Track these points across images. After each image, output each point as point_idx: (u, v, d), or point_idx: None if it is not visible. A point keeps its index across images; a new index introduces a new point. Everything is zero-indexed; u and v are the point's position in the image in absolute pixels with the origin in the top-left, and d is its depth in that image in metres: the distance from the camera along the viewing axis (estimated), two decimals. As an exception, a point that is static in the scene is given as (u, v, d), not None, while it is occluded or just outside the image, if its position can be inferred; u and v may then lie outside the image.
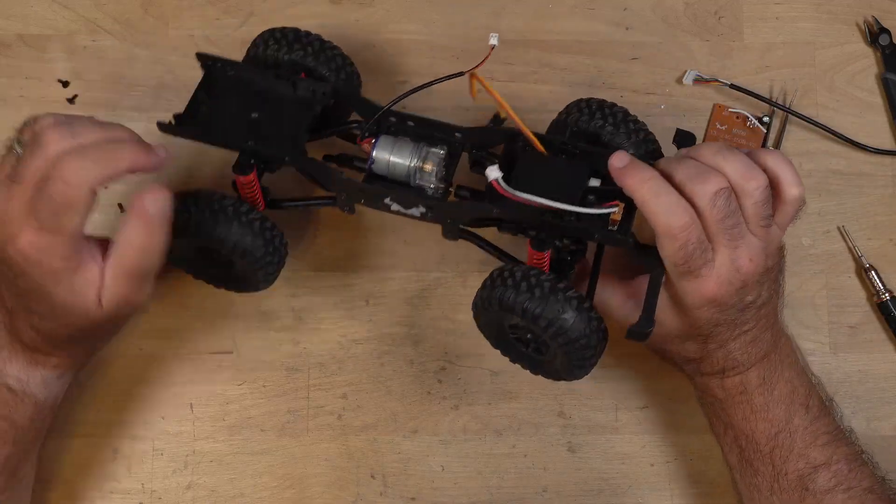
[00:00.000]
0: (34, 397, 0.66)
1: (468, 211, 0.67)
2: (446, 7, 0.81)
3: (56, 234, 0.58)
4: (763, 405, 0.67)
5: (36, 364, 0.66)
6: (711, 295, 0.62)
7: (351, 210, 0.69)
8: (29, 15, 0.79)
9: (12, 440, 0.65)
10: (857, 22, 0.81)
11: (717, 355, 0.66)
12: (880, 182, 0.80)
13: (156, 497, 0.75)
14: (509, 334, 0.67)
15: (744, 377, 0.67)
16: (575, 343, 0.62)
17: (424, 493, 0.76)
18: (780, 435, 0.67)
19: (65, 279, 0.60)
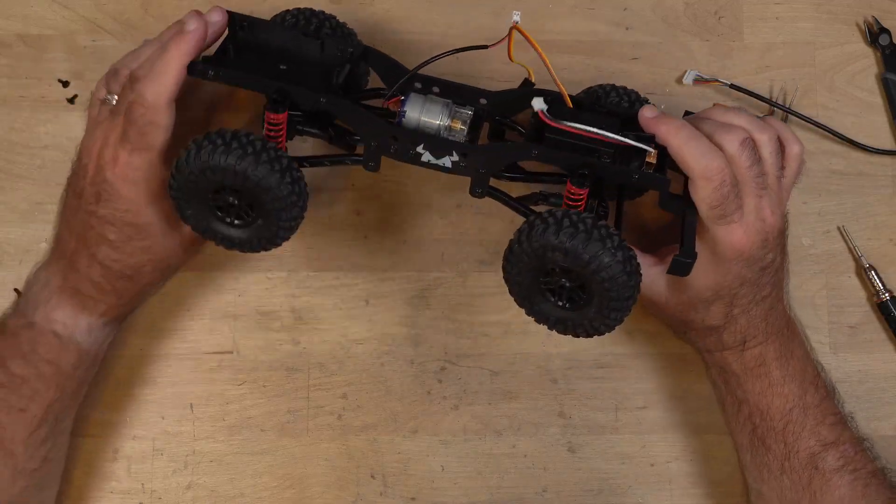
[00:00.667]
0: (78, 344, 0.69)
1: (505, 155, 0.66)
2: (446, 7, 0.81)
3: (147, 151, 0.65)
4: (780, 379, 0.68)
5: (83, 309, 0.69)
6: (741, 244, 0.64)
7: (376, 166, 0.67)
8: (29, 15, 0.79)
9: (56, 385, 0.68)
10: (857, 22, 0.81)
11: (740, 322, 0.67)
12: (880, 182, 0.80)
13: (156, 497, 0.75)
14: (541, 286, 0.64)
15: (763, 349, 0.68)
16: (616, 279, 0.60)
17: (424, 493, 0.76)
18: (794, 411, 0.68)
19: (155, 200, 0.67)
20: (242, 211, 0.64)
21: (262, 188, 0.62)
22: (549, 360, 0.77)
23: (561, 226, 0.60)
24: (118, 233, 0.67)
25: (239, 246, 0.66)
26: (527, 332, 0.77)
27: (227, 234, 0.66)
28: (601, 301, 0.61)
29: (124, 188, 0.66)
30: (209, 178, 0.62)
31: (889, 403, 0.78)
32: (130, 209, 0.66)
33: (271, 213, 0.63)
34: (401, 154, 0.66)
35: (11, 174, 0.78)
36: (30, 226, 0.77)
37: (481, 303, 0.77)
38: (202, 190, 0.63)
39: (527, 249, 0.61)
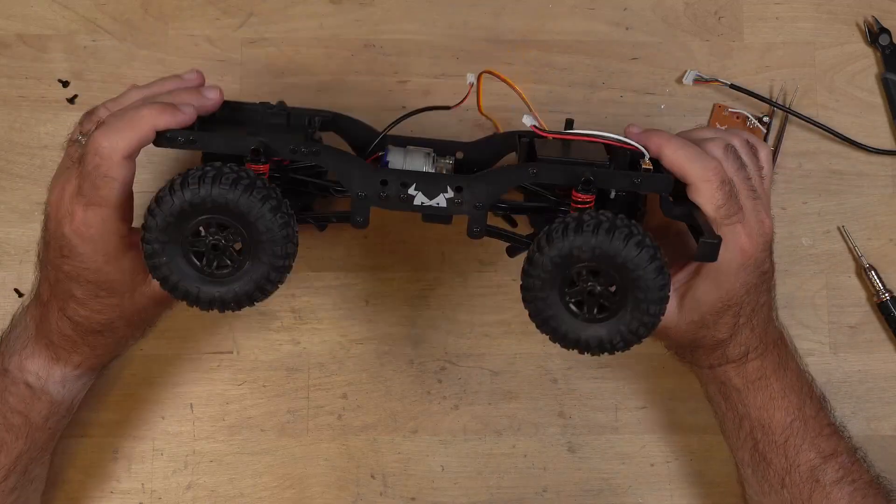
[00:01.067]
0: (51, 396, 0.67)
1: (501, 180, 0.62)
2: (446, 7, 0.81)
3: (101, 206, 0.61)
4: (780, 390, 0.68)
5: (57, 361, 0.67)
6: (747, 247, 0.64)
7: (364, 221, 0.63)
8: (29, 15, 0.79)
9: (25, 436, 0.66)
10: (857, 22, 0.81)
11: (744, 332, 0.67)
12: (880, 182, 0.80)
13: (156, 497, 0.75)
14: (568, 301, 0.60)
15: (762, 360, 0.68)
16: (648, 267, 0.58)
17: (424, 493, 0.76)
18: (795, 423, 0.68)
19: (115, 258, 0.63)
20: (227, 254, 0.59)
21: (257, 216, 0.58)
22: (549, 360, 0.77)
23: (581, 223, 0.58)
24: (83, 290, 0.64)
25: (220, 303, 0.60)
26: (527, 333, 0.77)
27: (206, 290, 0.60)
28: (636, 297, 0.59)
29: (81, 245, 0.62)
30: (196, 212, 0.58)
31: (889, 403, 0.78)
32: (90, 267, 0.63)
33: (262, 251, 0.59)
34: (392, 200, 0.62)
35: (11, 174, 0.78)
36: (30, 226, 0.77)
37: (481, 303, 0.77)
38: (182, 231, 0.58)
39: (549, 255, 0.59)
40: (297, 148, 0.62)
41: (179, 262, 0.59)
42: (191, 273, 0.59)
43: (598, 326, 0.60)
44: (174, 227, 0.58)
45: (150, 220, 0.58)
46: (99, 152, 0.60)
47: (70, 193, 0.62)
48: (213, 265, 0.59)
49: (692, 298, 0.66)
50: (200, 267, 0.59)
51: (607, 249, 0.58)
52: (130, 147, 0.60)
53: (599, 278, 0.59)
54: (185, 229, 0.58)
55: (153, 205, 0.58)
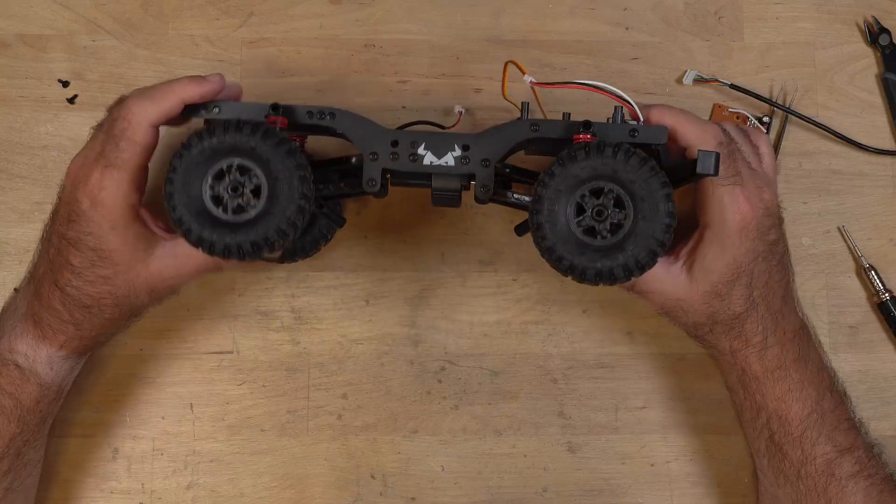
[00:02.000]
0: (39, 377, 0.67)
1: (506, 135, 0.65)
2: (446, 7, 0.81)
3: (118, 168, 0.64)
4: (799, 382, 0.68)
5: (43, 340, 0.67)
6: (746, 209, 0.66)
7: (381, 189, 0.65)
8: (29, 15, 0.79)
9: (17, 419, 0.67)
10: (857, 22, 0.81)
11: (759, 310, 0.68)
12: (880, 182, 0.80)
13: (156, 497, 0.75)
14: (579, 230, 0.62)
15: (782, 349, 0.68)
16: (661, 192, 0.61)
17: (424, 493, 0.76)
18: (812, 416, 0.68)
19: (120, 225, 0.64)
20: (245, 197, 0.61)
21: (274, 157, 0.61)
22: (549, 360, 0.77)
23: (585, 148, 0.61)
24: (81, 257, 0.65)
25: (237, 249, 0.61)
26: (527, 332, 0.77)
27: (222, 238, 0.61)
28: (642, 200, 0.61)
29: (89, 208, 0.64)
30: (218, 155, 0.61)
31: (889, 403, 0.78)
32: (93, 232, 0.64)
33: (279, 192, 0.61)
34: (402, 161, 0.65)
35: (11, 174, 0.78)
36: (30, 226, 0.77)
37: (481, 303, 0.77)
38: (203, 176, 0.61)
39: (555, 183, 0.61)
40: (312, 110, 0.65)
41: (198, 206, 0.61)
42: (208, 217, 0.61)
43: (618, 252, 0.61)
44: (197, 169, 0.61)
45: (176, 160, 0.61)
46: (128, 117, 0.63)
47: (91, 159, 0.65)
48: (231, 208, 0.61)
49: (701, 267, 0.67)
50: (217, 211, 0.61)
51: (613, 166, 0.61)
52: (158, 114, 0.64)
53: (604, 198, 0.61)
54: (208, 172, 0.61)
55: (181, 147, 0.61)
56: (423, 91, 0.79)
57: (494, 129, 0.66)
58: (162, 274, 0.67)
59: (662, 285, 0.69)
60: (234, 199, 0.61)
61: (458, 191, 0.66)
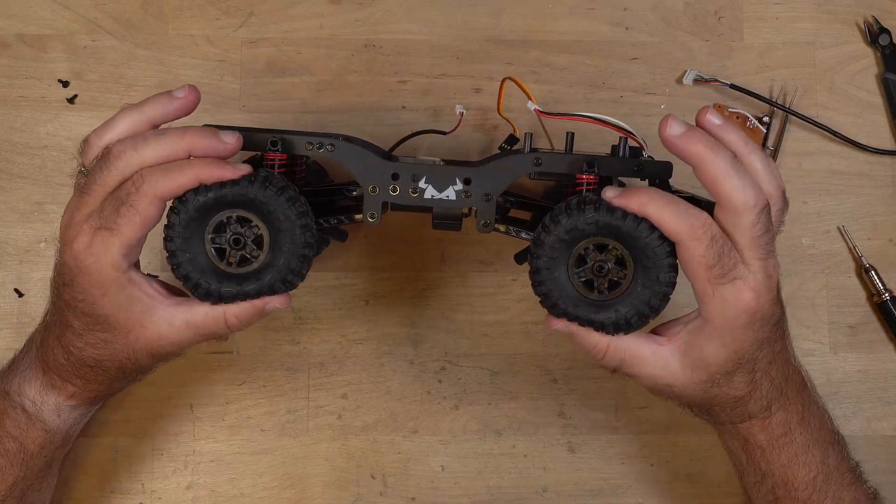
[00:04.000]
0: (45, 423, 0.66)
1: (508, 168, 0.64)
2: (446, 7, 0.81)
3: (112, 233, 0.59)
4: (804, 445, 0.66)
5: (52, 388, 0.66)
6: (753, 305, 0.60)
7: (377, 218, 0.64)
8: (29, 15, 0.79)
9: (20, 463, 0.66)
10: (857, 22, 0.81)
11: (763, 386, 0.64)
12: (880, 182, 0.80)
13: (156, 497, 0.75)
14: (577, 282, 0.61)
15: (787, 414, 0.65)
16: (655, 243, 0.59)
17: (424, 493, 0.76)
18: (818, 479, 0.66)
19: (111, 292, 0.60)
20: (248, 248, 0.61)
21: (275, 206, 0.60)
22: (549, 360, 0.77)
23: (583, 200, 0.60)
24: (79, 321, 0.62)
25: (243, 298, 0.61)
26: (527, 332, 0.77)
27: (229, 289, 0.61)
28: (644, 266, 0.60)
29: (78, 275, 0.60)
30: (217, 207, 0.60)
31: (889, 403, 0.78)
32: (85, 298, 0.61)
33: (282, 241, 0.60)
34: (403, 195, 0.64)
35: (11, 174, 0.78)
36: (30, 226, 0.77)
37: (481, 303, 0.77)
38: (203, 228, 0.60)
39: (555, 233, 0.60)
40: (312, 142, 0.63)
41: (201, 259, 0.61)
42: (212, 271, 0.61)
43: (611, 308, 0.61)
44: (196, 224, 0.60)
45: (174, 216, 0.60)
46: (136, 183, 0.59)
47: (80, 218, 0.61)
48: (234, 260, 0.61)
49: (698, 358, 0.63)
50: (221, 264, 0.61)
51: (610, 222, 0.59)
52: (171, 190, 0.59)
53: (606, 254, 0.60)
54: (207, 225, 0.60)
55: (177, 203, 0.59)
56: (423, 91, 0.79)
57: (497, 161, 0.64)
58: (161, 339, 0.62)
59: (651, 369, 0.63)
60: (237, 251, 0.61)
61: (459, 218, 0.65)
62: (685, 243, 0.58)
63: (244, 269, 0.61)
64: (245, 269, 0.61)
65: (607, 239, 0.60)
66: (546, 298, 0.61)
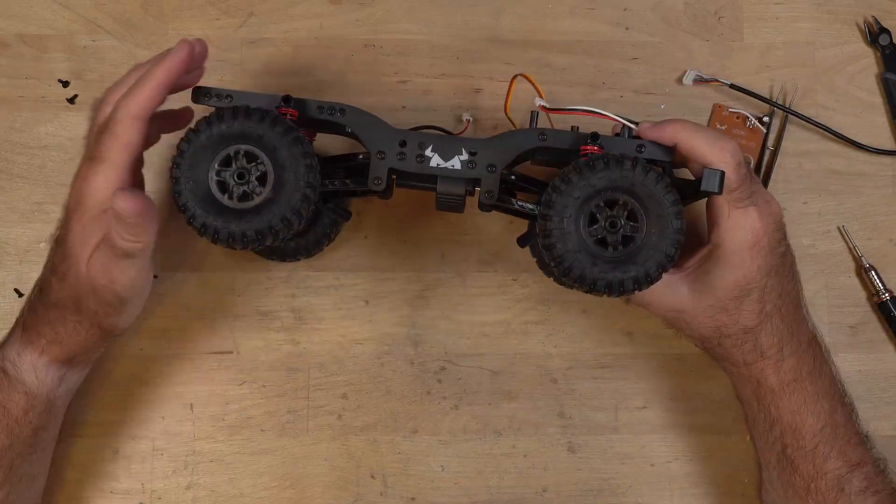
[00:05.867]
0: (25, 385, 0.66)
1: (514, 143, 0.65)
2: (446, 7, 0.81)
3: (99, 162, 0.62)
4: (814, 394, 0.67)
5: (28, 345, 0.67)
6: (759, 227, 0.64)
7: (386, 189, 0.66)
8: (29, 15, 0.79)
9: (6, 429, 0.66)
10: (857, 22, 0.81)
11: (774, 320, 0.67)
12: (880, 182, 0.80)
13: (156, 497, 0.75)
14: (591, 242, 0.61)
15: (798, 361, 0.67)
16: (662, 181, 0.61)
17: (424, 493, 0.76)
18: (825, 429, 0.67)
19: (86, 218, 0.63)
20: (251, 184, 0.61)
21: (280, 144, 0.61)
22: (549, 360, 0.77)
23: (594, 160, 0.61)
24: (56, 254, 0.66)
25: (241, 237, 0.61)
26: (527, 332, 0.77)
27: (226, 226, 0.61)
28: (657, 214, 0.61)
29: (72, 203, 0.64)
30: (226, 141, 0.61)
31: (889, 403, 0.78)
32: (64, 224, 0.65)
33: (285, 179, 0.61)
34: (409, 162, 0.65)
35: (11, 174, 0.78)
36: (30, 226, 0.77)
37: (481, 303, 0.77)
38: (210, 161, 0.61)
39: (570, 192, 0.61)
40: (323, 104, 0.65)
41: (204, 191, 0.61)
42: (212, 203, 0.61)
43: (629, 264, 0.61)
44: (204, 155, 0.61)
45: (184, 144, 0.61)
46: (112, 112, 0.62)
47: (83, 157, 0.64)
48: (237, 194, 0.61)
49: (705, 282, 0.66)
50: (223, 198, 0.61)
51: (631, 179, 0.61)
52: (141, 107, 0.62)
53: (617, 209, 0.61)
54: (215, 158, 0.61)
55: (189, 132, 0.61)
56: (424, 91, 0.79)
57: (502, 135, 0.65)
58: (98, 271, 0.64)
59: (662, 296, 0.68)
60: (239, 186, 0.61)
61: (462, 196, 0.66)
62: (717, 166, 0.63)
63: (245, 205, 0.61)
64: (245, 204, 0.61)
65: (618, 194, 0.61)
66: (560, 262, 0.61)
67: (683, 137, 0.64)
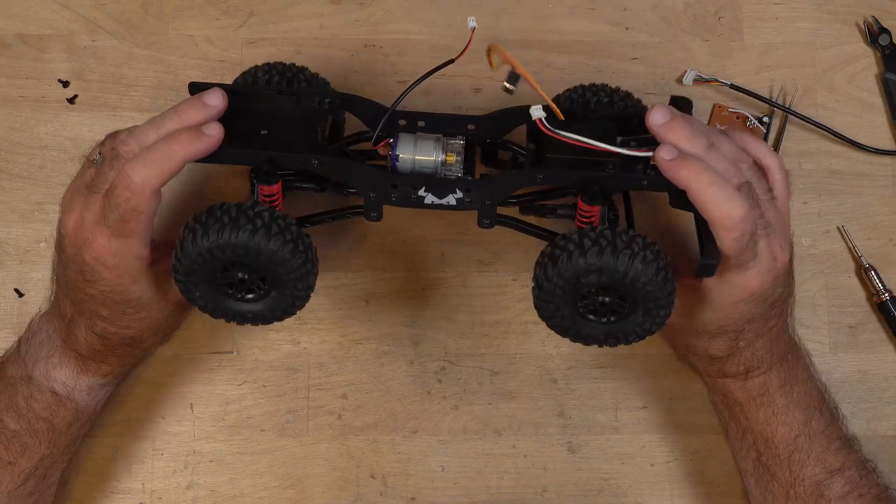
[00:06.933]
0: (76, 403, 0.68)
1: (509, 184, 0.65)
2: (446, 7, 0.81)
3: (126, 237, 0.62)
4: (784, 407, 0.67)
5: (86, 372, 0.68)
6: (753, 287, 0.62)
7: (378, 216, 0.66)
8: (29, 15, 0.79)
9: (48, 442, 0.67)
10: (857, 22, 0.81)
11: (744, 354, 0.66)
12: (880, 182, 0.80)
13: (156, 497, 0.75)
14: (581, 311, 0.62)
15: (766, 377, 0.67)
16: (655, 280, 0.59)
17: (424, 493, 0.76)
18: (799, 438, 0.67)
19: (139, 278, 0.64)
20: (254, 285, 0.63)
21: (277, 261, 0.60)
22: (549, 360, 0.77)
23: (584, 247, 0.59)
24: (110, 310, 0.65)
25: (253, 320, 0.64)
26: (527, 332, 0.77)
27: (241, 309, 0.64)
28: (645, 304, 0.61)
29: (104, 271, 0.63)
30: (218, 257, 0.60)
31: (889, 403, 0.78)
32: (115, 289, 0.64)
33: (286, 284, 0.62)
34: (403, 200, 0.64)
35: (11, 174, 0.78)
36: (30, 226, 0.77)
37: (481, 303, 0.77)
38: (210, 270, 0.61)
39: (557, 282, 0.60)
40: (307, 160, 0.64)
41: (214, 292, 0.63)
42: (225, 299, 0.64)
43: (614, 326, 0.62)
44: (201, 267, 0.61)
45: (177, 264, 0.61)
46: (129, 186, 0.60)
47: (91, 221, 0.62)
48: (242, 293, 0.63)
49: (685, 305, 0.65)
50: (232, 294, 0.63)
51: (614, 269, 0.59)
52: (161, 181, 0.61)
53: (608, 291, 0.61)
54: (212, 268, 0.61)
55: (178, 250, 0.61)
56: (423, 91, 0.79)
57: (499, 176, 0.65)
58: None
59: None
60: (242, 287, 0.63)
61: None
62: (716, 229, 0.60)
63: (254, 296, 0.63)
64: (254, 296, 0.63)
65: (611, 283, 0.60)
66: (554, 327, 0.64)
67: (695, 189, 0.59)
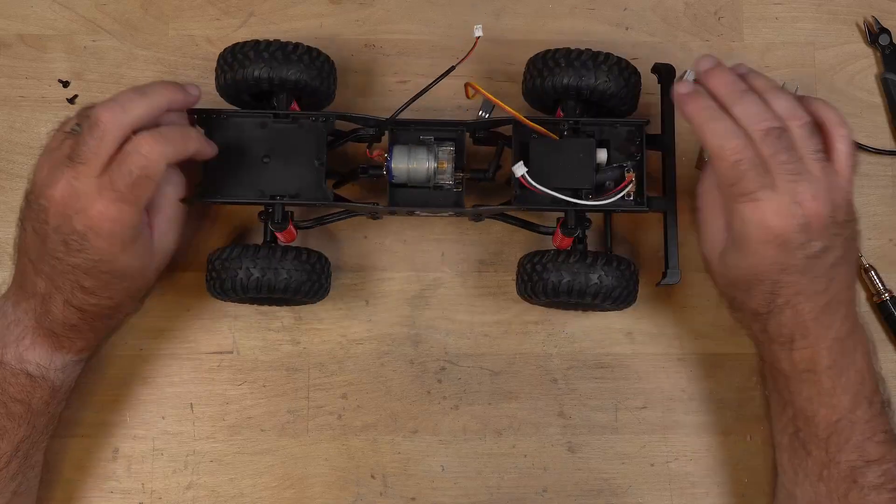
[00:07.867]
0: (51, 382, 0.68)
1: (496, 210, 0.73)
2: (446, 7, 0.81)
3: (131, 203, 0.63)
4: (830, 389, 0.66)
5: (59, 349, 0.68)
6: (772, 225, 0.62)
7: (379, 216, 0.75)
8: (29, 15, 0.80)
9: (27, 423, 0.67)
10: (857, 22, 0.81)
11: (785, 313, 0.65)
12: (880, 182, 0.80)
13: (156, 497, 0.75)
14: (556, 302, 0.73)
15: (814, 352, 0.65)
16: (618, 289, 0.70)
17: (424, 493, 0.76)
18: (841, 423, 0.66)
19: (129, 246, 0.65)
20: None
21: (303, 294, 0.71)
22: (549, 360, 0.77)
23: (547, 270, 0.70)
24: (94, 280, 0.65)
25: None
26: (527, 332, 0.77)
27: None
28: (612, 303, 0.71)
29: (95, 240, 0.63)
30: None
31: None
32: (104, 258, 0.64)
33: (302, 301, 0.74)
34: (402, 214, 0.74)
35: (11, 174, 0.78)
36: (30, 226, 0.77)
37: (481, 303, 0.77)
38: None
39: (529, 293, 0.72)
40: (311, 203, 0.71)
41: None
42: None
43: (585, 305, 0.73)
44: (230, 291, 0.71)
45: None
46: (148, 155, 0.63)
47: (85, 188, 0.63)
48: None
49: (726, 254, 0.67)
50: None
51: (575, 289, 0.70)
52: (175, 158, 0.65)
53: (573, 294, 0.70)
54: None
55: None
56: (423, 91, 0.79)
57: (487, 208, 0.72)
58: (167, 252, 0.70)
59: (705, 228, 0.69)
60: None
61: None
62: (713, 160, 0.64)
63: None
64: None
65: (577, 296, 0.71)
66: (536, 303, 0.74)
67: (695, 122, 0.65)
